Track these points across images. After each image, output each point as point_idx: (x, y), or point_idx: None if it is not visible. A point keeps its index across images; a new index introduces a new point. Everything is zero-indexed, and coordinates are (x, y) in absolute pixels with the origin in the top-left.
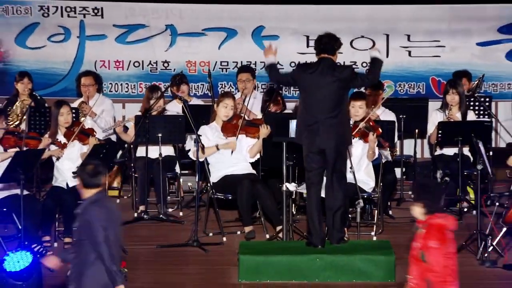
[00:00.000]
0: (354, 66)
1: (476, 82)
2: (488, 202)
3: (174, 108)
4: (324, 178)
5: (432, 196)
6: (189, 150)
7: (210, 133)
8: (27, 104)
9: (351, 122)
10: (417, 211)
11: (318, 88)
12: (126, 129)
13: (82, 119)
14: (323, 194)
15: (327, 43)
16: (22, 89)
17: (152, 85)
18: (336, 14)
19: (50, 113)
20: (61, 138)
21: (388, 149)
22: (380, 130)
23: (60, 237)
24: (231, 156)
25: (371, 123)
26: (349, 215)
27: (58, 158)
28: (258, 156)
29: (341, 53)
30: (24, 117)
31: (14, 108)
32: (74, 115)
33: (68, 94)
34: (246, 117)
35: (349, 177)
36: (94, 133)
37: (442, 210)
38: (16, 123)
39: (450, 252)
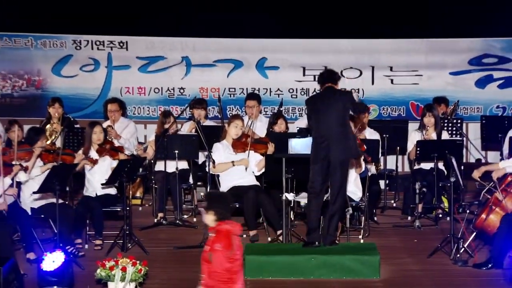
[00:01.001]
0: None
1: (452, 107)
2: (460, 210)
3: (186, 127)
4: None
5: (222, 205)
6: (203, 164)
7: (222, 149)
8: (55, 128)
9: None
10: (209, 218)
11: (326, 110)
12: (145, 149)
13: (110, 138)
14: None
15: (329, 76)
16: (53, 113)
17: (165, 110)
18: (328, 48)
19: (82, 132)
20: (93, 153)
21: (373, 163)
22: (365, 147)
23: (91, 240)
24: (239, 170)
25: (357, 141)
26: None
27: (94, 164)
28: (263, 170)
29: None
30: (53, 137)
31: (49, 132)
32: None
33: (97, 116)
34: (253, 137)
35: None
36: (124, 150)
37: (230, 218)
38: (50, 142)
39: (236, 255)
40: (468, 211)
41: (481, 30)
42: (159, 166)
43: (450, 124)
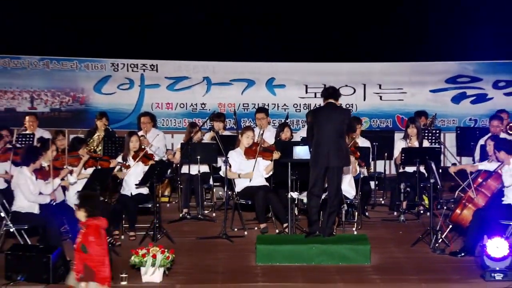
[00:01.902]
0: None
1: (431, 119)
2: (438, 206)
3: (207, 136)
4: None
5: (92, 204)
6: (220, 169)
7: (235, 156)
8: (101, 140)
9: None
10: (81, 214)
11: (327, 122)
12: (174, 154)
13: (144, 147)
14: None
15: (333, 93)
16: (100, 125)
17: (191, 122)
18: (327, 69)
19: (120, 142)
20: (130, 158)
21: (365, 167)
22: (358, 154)
23: (126, 231)
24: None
25: (351, 149)
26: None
27: (127, 169)
28: (271, 173)
29: None
30: (100, 146)
31: (92, 140)
32: None
33: (132, 127)
34: (262, 146)
35: None
36: (154, 157)
37: (99, 214)
38: (94, 150)
39: (104, 244)
40: (445, 207)
41: (456, 55)
42: (184, 169)
43: (430, 134)
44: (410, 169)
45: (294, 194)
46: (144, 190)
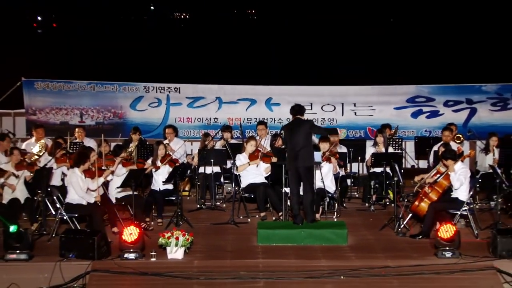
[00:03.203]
0: (322, 120)
1: (394, 130)
2: (401, 199)
3: (218, 144)
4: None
5: None
6: (229, 169)
7: (242, 158)
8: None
9: (321, 152)
10: None
11: (295, 134)
12: (192, 158)
13: (169, 153)
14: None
15: (299, 110)
16: (134, 138)
17: (205, 132)
18: (313, 91)
19: (150, 148)
20: (158, 162)
21: (343, 168)
22: (338, 155)
23: (155, 218)
24: (253, 173)
25: (332, 152)
26: (321, 207)
27: (156, 169)
28: (269, 173)
29: (316, 113)
30: (134, 153)
31: (130, 149)
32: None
33: (159, 137)
34: (262, 152)
35: (320, 184)
36: (179, 162)
37: None
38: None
39: None
40: (406, 200)
41: (414, 79)
42: (201, 169)
43: (394, 142)
44: (378, 169)
45: (287, 189)
46: (170, 186)
